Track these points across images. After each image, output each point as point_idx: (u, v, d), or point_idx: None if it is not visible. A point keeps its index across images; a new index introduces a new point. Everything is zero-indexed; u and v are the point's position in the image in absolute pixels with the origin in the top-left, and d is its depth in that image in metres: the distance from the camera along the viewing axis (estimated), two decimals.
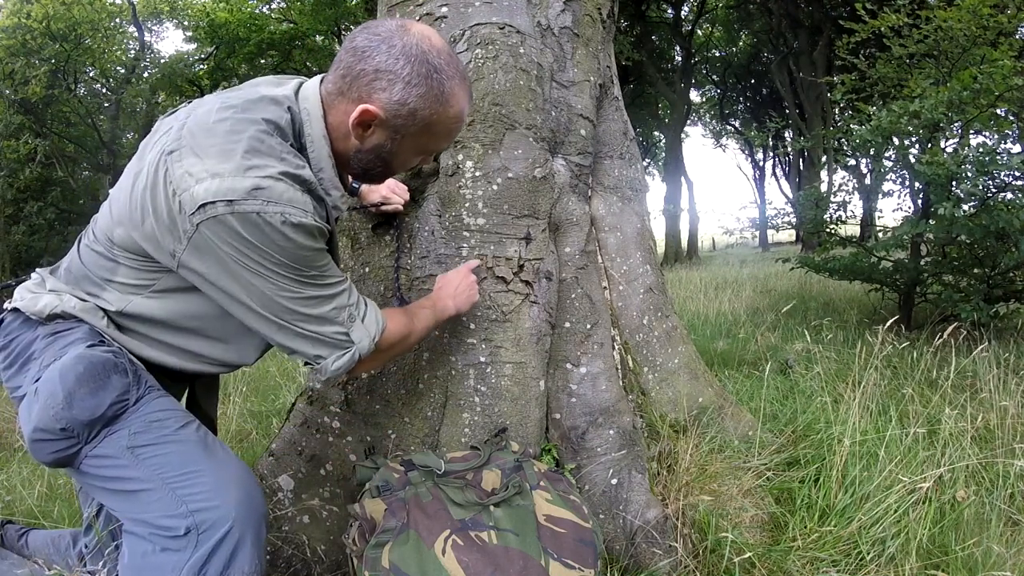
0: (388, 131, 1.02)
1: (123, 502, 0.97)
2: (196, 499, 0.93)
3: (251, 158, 0.90)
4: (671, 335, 1.96)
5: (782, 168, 27.91)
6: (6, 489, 2.11)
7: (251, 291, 0.94)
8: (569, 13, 1.74)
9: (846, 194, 5.14)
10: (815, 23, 15.26)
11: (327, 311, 1.00)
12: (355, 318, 1.05)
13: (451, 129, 1.07)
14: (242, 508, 0.94)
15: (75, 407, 0.93)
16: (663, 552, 1.38)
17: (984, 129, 4.46)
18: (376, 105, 0.98)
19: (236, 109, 0.95)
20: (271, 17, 16.52)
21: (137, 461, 0.94)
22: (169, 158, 0.91)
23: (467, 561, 1.12)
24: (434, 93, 0.99)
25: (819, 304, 5.42)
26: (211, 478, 0.95)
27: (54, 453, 0.95)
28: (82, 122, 15.06)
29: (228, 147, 0.90)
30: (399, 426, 1.55)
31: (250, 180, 0.88)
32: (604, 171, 1.93)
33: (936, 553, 1.44)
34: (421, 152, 1.10)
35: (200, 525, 0.91)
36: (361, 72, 0.97)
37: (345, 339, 1.03)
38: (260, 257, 0.91)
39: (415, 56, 0.96)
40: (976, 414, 2.08)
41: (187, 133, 0.93)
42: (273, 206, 0.88)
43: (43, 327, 1.02)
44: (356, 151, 1.04)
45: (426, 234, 1.57)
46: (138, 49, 15.85)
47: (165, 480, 0.93)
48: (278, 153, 0.94)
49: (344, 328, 1.03)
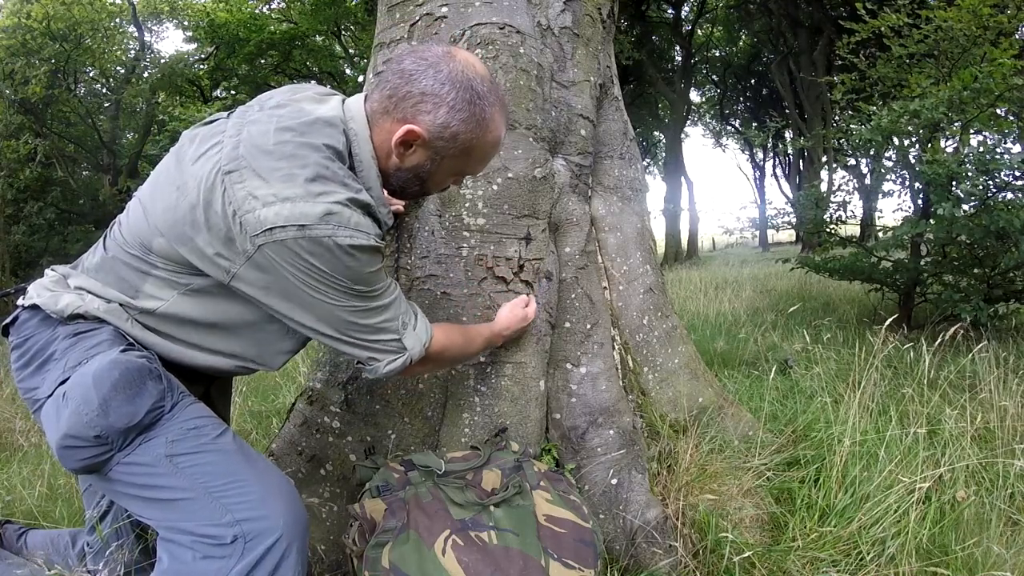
0: (429, 152, 1.05)
1: (160, 510, 0.97)
2: (242, 508, 0.94)
3: (319, 185, 0.93)
4: (671, 335, 1.96)
5: (782, 168, 27.91)
6: (6, 489, 2.11)
7: (312, 308, 0.99)
8: (569, 13, 1.74)
9: (846, 194, 5.14)
10: (815, 23, 15.25)
11: (382, 321, 1.06)
12: (408, 325, 1.10)
13: (488, 154, 1.11)
14: (289, 518, 0.96)
15: (111, 414, 0.92)
16: (663, 552, 1.38)
17: (984, 129, 4.46)
18: (420, 126, 1.02)
19: (295, 132, 0.97)
20: (271, 17, 16.50)
21: (176, 470, 0.95)
22: (227, 178, 0.92)
23: (467, 561, 1.12)
24: (476, 119, 1.03)
25: (819, 304, 5.41)
26: (257, 488, 0.97)
27: (84, 460, 0.94)
28: (82, 122, 15.04)
29: (294, 172, 0.93)
30: (399, 426, 1.55)
31: (321, 206, 0.91)
32: (604, 171, 1.93)
33: (936, 553, 1.43)
34: (457, 174, 1.14)
35: (248, 534, 0.93)
36: (408, 94, 1.01)
37: (399, 345, 1.09)
38: (325, 279, 0.95)
39: (460, 82, 1.01)
40: (976, 414, 2.07)
41: (246, 153, 0.94)
42: (343, 231, 0.93)
43: (63, 327, 1.01)
44: (396, 169, 1.08)
45: (426, 234, 1.57)
46: (138, 49, 15.84)
47: (208, 489, 0.95)
48: (341, 179, 0.97)
49: (398, 335, 1.08)
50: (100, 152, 15.40)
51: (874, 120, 4.02)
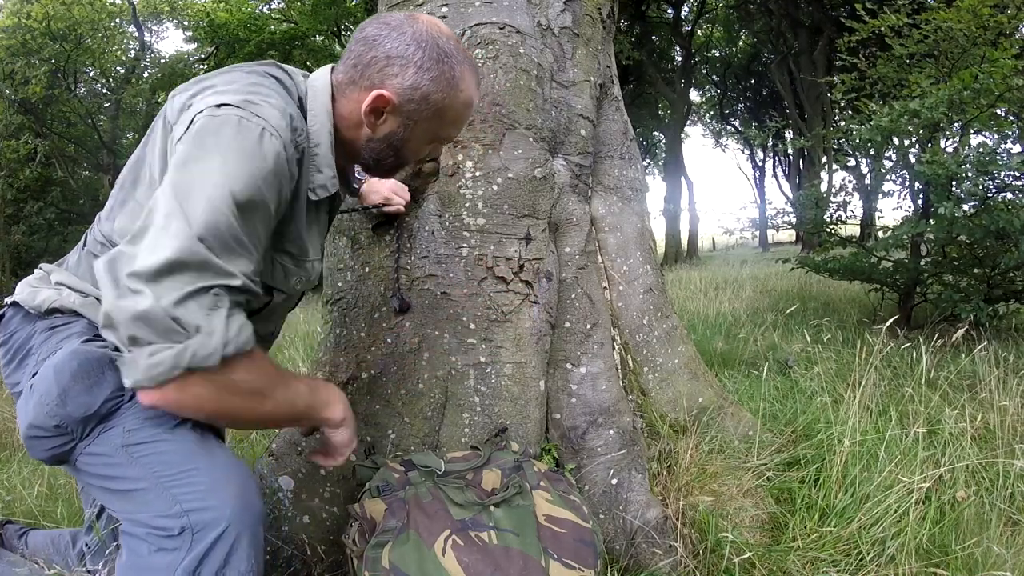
0: (401, 117, 1.02)
1: (119, 501, 0.96)
2: (190, 498, 0.90)
3: (253, 90, 0.91)
4: (671, 335, 1.96)
5: (782, 168, 27.92)
6: (6, 489, 2.11)
7: (178, 172, 0.82)
8: (569, 13, 1.74)
9: (846, 194, 5.14)
10: (815, 23, 15.26)
11: (200, 249, 0.76)
12: (221, 306, 0.79)
13: (461, 115, 1.08)
14: (238, 508, 0.91)
15: (69, 404, 0.92)
16: (663, 552, 1.38)
17: (984, 129, 4.46)
18: (389, 90, 0.99)
19: (241, 71, 0.98)
20: (271, 17, 16.51)
21: (132, 459, 0.92)
22: (172, 115, 0.94)
23: (467, 561, 1.12)
24: (446, 77, 1.00)
25: (819, 304, 5.41)
26: (206, 477, 0.92)
27: (49, 450, 0.95)
28: (82, 122, 15.05)
29: (230, 87, 0.92)
30: (399, 426, 1.55)
31: (243, 96, 0.89)
32: (604, 171, 1.93)
33: (936, 553, 1.44)
34: (432, 140, 1.10)
35: (195, 525, 0.89)
36: (373, 59, 0.99)
37: (186, 318, 0.75)
38: (217, 150, 0.83)
39: (426, 41, 0.98)
40: (976, 414, 2.08)
41: (194, 101, 0.94)
42: (256, 119, 0.87)
43: (42, 321, 1.01)
44: (368, 140, 1.05)
45: (426, 234, 1.57)
46: (138, 49, 15.84)
47: (159, 479, 0.91)
48: (281, 96, 0.94)
49: (200, 302, 0.76)
50: (100, 152, 15.39)
51: (874, 120, 4.02)
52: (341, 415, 1.06)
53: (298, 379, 1.00)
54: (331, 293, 1.67)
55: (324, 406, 1.03)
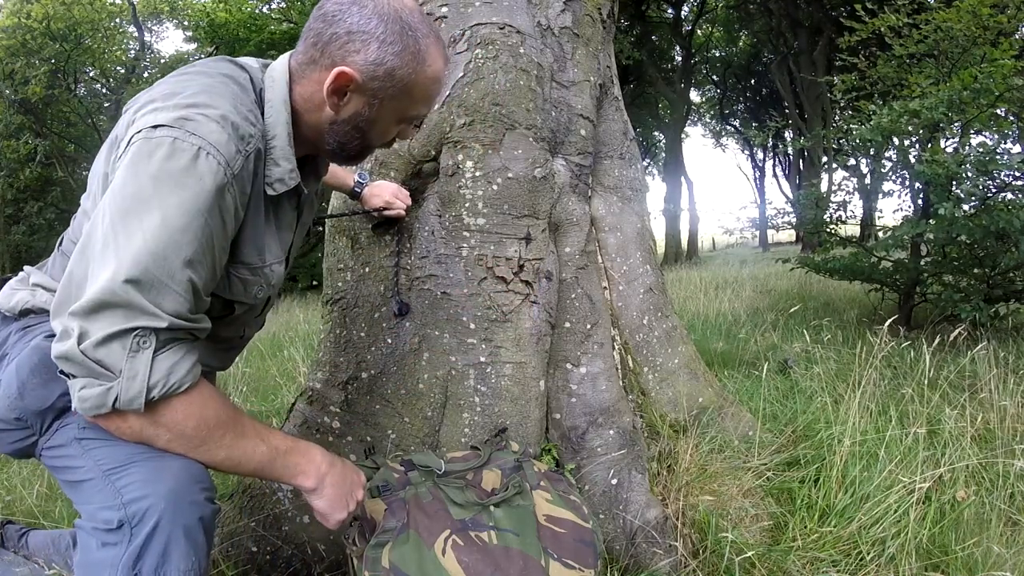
0: (366, 96, 0.97)
1: (74, 493, 0.95)
2: (129, 490, 0.87)
3: (195, 100, 0.87)
4: (671, 335, 1.96)
5: (782, 168, 27.91)
6: (6, 489, 2.11)
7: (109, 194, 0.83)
8: (569, 13, 1.74)
9: (846, 194, 5.14)
10: (815, 23, 15.26)
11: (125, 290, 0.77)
12: (145, 348, 0.79)
13: (430, 91, 1.01)
14: (172, 499, 0.86)
15: (27, 397, 0.93)
16: (663, 552, 1.38)
17: (984, 129, 4.46)
18: (352, 67, 0.93)
19: (190, 74, 0.95)
20: (271, 17, 16.51)
21: (84, 451, 0.92)
22: (121, 129, 0.92)
23: (467, 561, 1.12)
24: (411, 51, 0.94)
25: (819, 304, 5.42)
26: (146, 468, 0.88)
27: (12, 444, 0.97)
28: (82, 122, 15.06)
29: (169, 102, 0.87)
30: (399, 426, 1.55)
31: (179, 113, 0.84)
32: (604, 171, 1.93)
33: (936, 553, 1.44)
34: (400, 119, 1.05)
35: (132, 517, 0.85)
36: (333, 36, 0.93)
37: (108, 359, 0.78)
38: (150, 181, 0.81)
39: (388, 15, 0.93)
40: (976, 414, 2.08)
41: (135, 115, 0.92)
42: (192, 138, 0.83)
43: (16, 323, 1.02)
44: (331, 123, 1.00)
45: (426, 234, 1.57)
46: (138, 49, 15.86)
47: (104, 470, 0.89)
48: (232, 98, 0.90)
49: (124, 344, 0.78)
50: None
51: (874, 120, 4.02)
52: (313, 484, 0.98)
53: (262, 436, 0.93)
54: (331, 293, 1.67)
55: (293, 474, 0.97)
